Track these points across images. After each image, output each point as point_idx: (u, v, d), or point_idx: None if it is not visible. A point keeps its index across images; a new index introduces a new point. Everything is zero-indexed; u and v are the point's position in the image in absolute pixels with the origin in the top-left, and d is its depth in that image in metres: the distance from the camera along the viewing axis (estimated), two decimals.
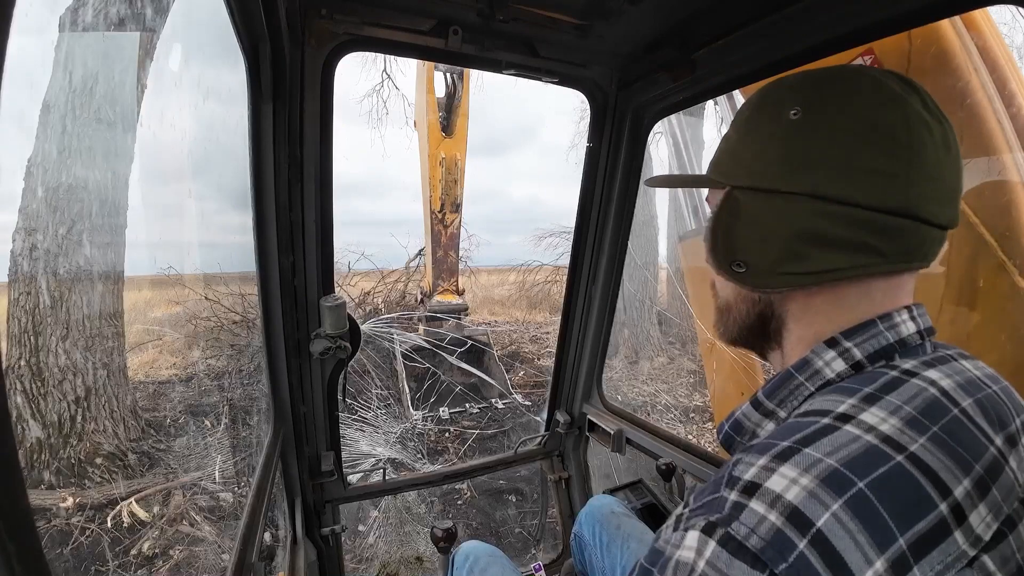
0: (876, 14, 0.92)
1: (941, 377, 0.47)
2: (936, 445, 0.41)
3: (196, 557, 3.41)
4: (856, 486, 0.38)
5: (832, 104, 0.52)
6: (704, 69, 1.26)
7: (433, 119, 6.59)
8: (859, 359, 0.51)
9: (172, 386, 5.46)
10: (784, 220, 0.53)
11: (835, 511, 0.38)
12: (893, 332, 0.52)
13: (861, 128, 0.50)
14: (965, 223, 1.14)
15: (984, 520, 0.40)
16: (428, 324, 6.71)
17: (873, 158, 0.49)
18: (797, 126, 0.52)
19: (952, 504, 0.39)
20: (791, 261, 0.53)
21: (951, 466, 0.41)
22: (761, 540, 0.38)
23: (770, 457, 0.42)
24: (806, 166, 0.51)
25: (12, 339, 3.90)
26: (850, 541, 0.37)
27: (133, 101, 4.04)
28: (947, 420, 0.43)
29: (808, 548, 0.37)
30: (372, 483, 1.75)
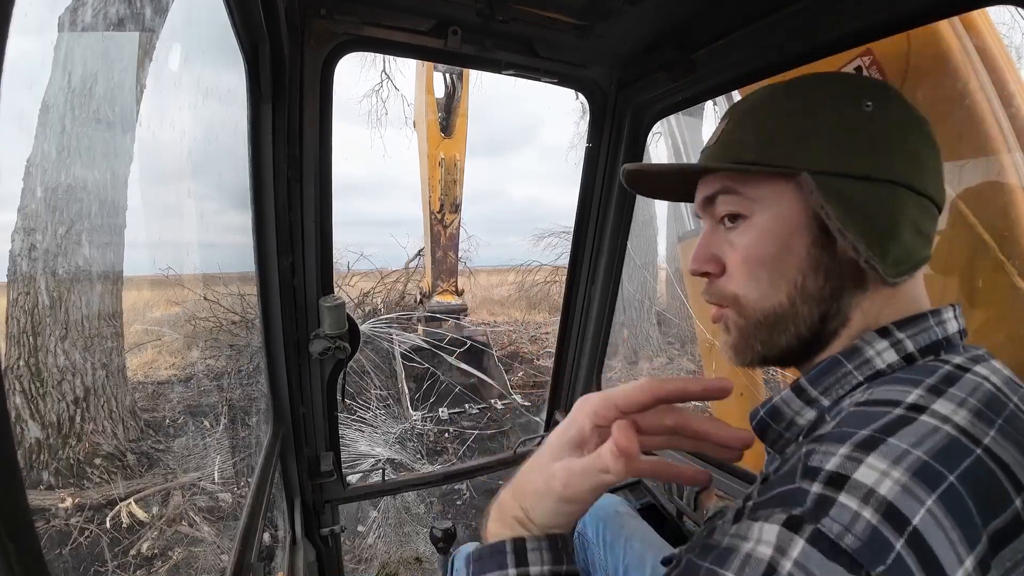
0: (875, 15, 0.93)
1: (990, 374, 0.47)
2: (1004, 437, 0.41)
3: (195, 557, 3.40)
4: (948, 480, 0.37)
5: (896, 102, 0.54)
6: (704, 69, 1.26)
7: (432, 119, 6.60)
8: (911, 351, 0.50)
9: (171, 386, 5.45)
10: (896, 209, 0.51)
11: (930, 507, 0.36)
12: (941, 328, 0.51)
13: (923, 130, 0.53)
14: (964, 223, 1.14)
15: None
16: (427, 324, 6.71)
17: (934, 157, 0.53)
18: (874, 118, 0.52)
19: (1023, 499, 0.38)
20: (904, 251, 0.52)
21: (1020, 459, 0.40)
22: (857, 540, 0.36)
23: (853, 446, 0.40)
24: (893, 157, 0.51)
25: (11, 339, 3.90)
26: (944, 539, 0.35)
27: (132, 101, 4.04)
28: (1007, 413, 0.43)
29: (905, 548, 0.35)
30: (371, 483, 1.74)
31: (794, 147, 0.53)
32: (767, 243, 0.54)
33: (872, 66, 1.24)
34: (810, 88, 0.56)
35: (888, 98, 0.53)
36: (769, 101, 0.57)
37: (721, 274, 0.58)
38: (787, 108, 0.55)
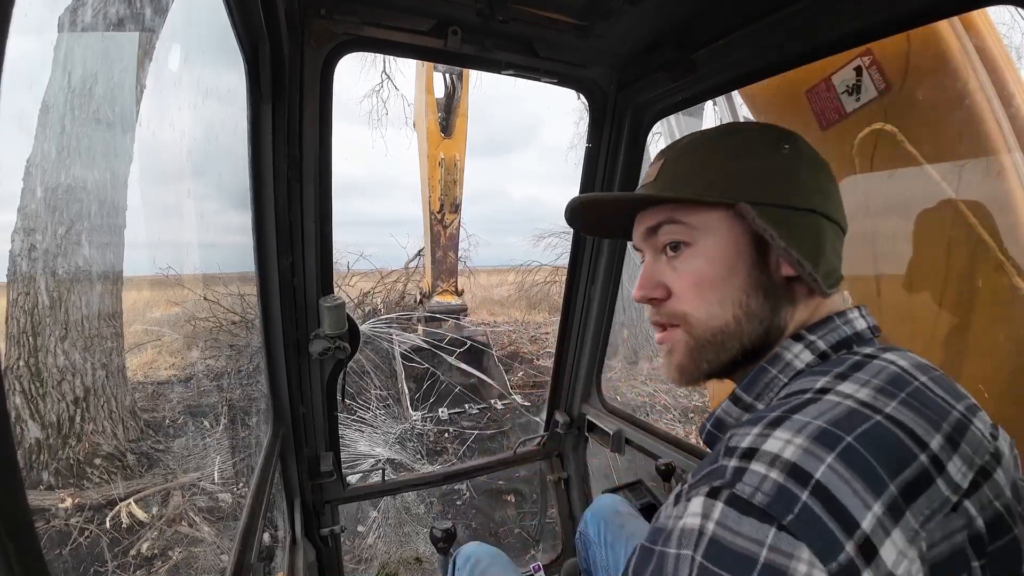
0: (875, 15, 0.92)
1: (898, 359, 0.52)
2: (906, 407, 0.46)
3: (195, 558, 3.40)
4: (845, 440, 0.42)
5: (804, 147, 0.63)
6: (704, 69, 1.26)
7: (432, 119, 6.59)
8: (824, 349, 0.57)
9: (171, 387, 5.45)
10: (818, 233, 0.60)
11: (830, 463, 0.41)
12: (849, 326, 0.59)
13: (824, 167, 0.63)
14: (964, 223, 1.14)
15: (960, 470, 0.44)
16: (427, 324, 6.71)
17: (835, 191, 0.63)
18: (791, 158, 0.61)
19: (930, 455, 0.43)
20: (829, 268, 0.61)
21: (923, 424, 0.45)
22: (766, 496, 0.41)
23: (763, 425, 0.46)
24: (808, 189, 0.61)
25: (11, 339, 3.90)
26: (848, 488, 0.40)
27: (132, 101, 4.04)
28: (911, 389, 0.48)
29: (810, 498, 0.40)
30: (371, 484, 1.74)
31: (729, 183, 0.60)
32: (714, 266, 0.61)
33: (872, 66, 1.24)
34: (736, 135, 0.65)
35: (799, 143, 0.63)
36: (701, 146, 0.65)
37: (666, 299, 0.64)
38: (719, 151, 0.63)
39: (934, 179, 1.19)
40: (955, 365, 1.21)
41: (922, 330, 1.29)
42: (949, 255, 1.18)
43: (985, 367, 1.17)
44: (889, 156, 1.26)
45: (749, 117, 2.11)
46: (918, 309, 1.29)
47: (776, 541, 0.40)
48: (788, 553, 0.39)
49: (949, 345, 1.22)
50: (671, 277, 0.63)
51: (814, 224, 0.60)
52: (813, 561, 0.38)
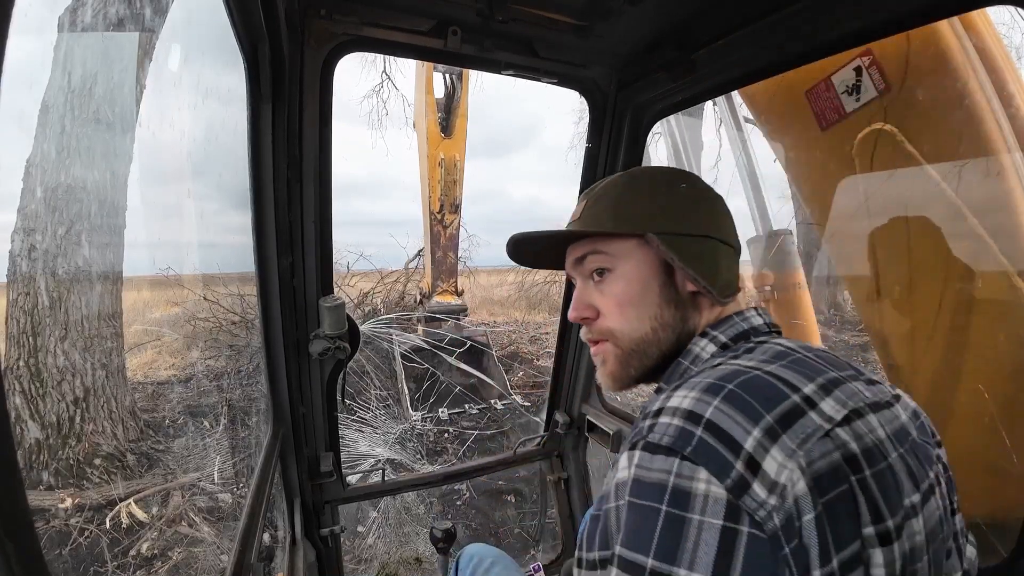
0: (874, 15, 0.92)
1: (783, 341, 0.66)
2: (784, 367, 0.58)
3: (195, 558, 3.40)
4: (727, 387, 0.54)
5: (699, 184, 0.77)
6: (704, 69, 1.26)
7: (432, 120, 6.59)
8: (725, 341, 0.69)
9: (171, 387, 5.45)
10: (715, 251, 0.73)
11: (716, 404, 0.52)
12: (746, 323, 0.71)
13: (715, 200, 0.76)
14: (964, 223, 1.14)
15: (833, 407, 0.53)
16: (427, 325, 6.71)
17: (726, 217, 0.76)
18: (689, 194, 0.74)
19: (803, 396, 0.53)
20: (722, 281, 0.72)
21: (798, 375, 0.56)
22: (670, 437, 0.52)
23: (669, 393, 0.58)
24: (703, 219, 0.73)
25: (11, 340, 3.90)
26: (731, 421, 0.50)
27: (132, 101, 4.04)
28: (792, 358, 0.60)
29: (704, 432, 0.50)
30: (371, 484, 1.74)
31: (639, 218, 0.73)
32: (632, 287, 0.73)
33: (872, 66, 1.24)
34: (642, 179, 0.77)
35: (695, 182, 0.77)
36: (615, 188, 0.77)
37: (596, 318, 0.76)
38: (629, 192, 0.75)
39: (934, 179, 1.19)
40: (955, 365, 1.21)
41: (922, 330, 1.29)
42: (949, 255, 1.19)
43: (985, 367, 1.17)
44: (889, 156, 1.26)
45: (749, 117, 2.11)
46: (918, 309, 1.29)
47: (680, 468, 0.50)
48: (690, 476, 0.49)
49: (949, 345, 1.22)
50: (598, 299, 0.75)
51: (709, 248, 0.72)
52: (710, 479, 0.48)
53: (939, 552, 0.55)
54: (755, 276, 2.45)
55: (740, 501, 0.47)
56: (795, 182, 1.70)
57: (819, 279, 8.63)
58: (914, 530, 0.52)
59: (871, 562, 0.49)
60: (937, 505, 0.56)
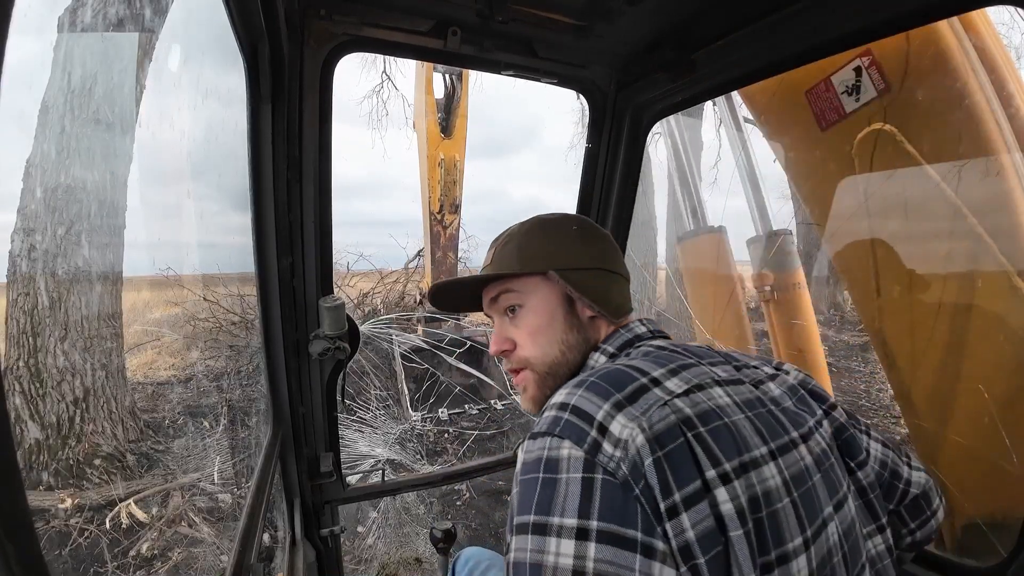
0: (874, 15, 0.92)
1: (657, 343, 0.80)
2: (643, 359, 0.71)
3: (195, 558, 3.40)
4: (589, 380, 0.66)
5: (588, 225, 0.92)
6: (703, 69, 1.26)
7: (432, 120, 6.58)
8: (612, 351, 0.82)
9: (171, 387, 5.45)
10: (606, 280, 0.87)
11: (580, 393, 0.64)
12: (630, 332, 0.84)
13: (603, 236, 0.92)
14: (963, 223, 1.14)
15: (675, 384, 0.65)
16: (427, 325, 6.70)
17: (613, 251, 0.91)
18: (580, 234, 0.88)
19: (650, 379, 0.65)
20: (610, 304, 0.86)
21: (651, 364, 0.68)
22: (546, 423, 0.63)
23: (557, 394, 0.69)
24: (595, 254, 0.87)
25: (11, 340, 3.90)
26: (588, 402, 0.62)
27: (132, 102, 4.04)
28: (655, 354, 0.74)
29: (569, 415, 0.62)
30: (371, 484, 1.74)
31: (542, 258, 0.85)
32: (540, 318, 0.85)
33: (871, 66, 1.24)
34: (541, 223, 0.90)
35: (583, 222, 0.91)
36: (518, 235, 0.89)
37: (514, 349, 0.87)
38: (531, 237, 0.88)
39: (933, 179, 1.19)
40: (954, 364, 1.21)
41: (922, 330, 1.29)
42: (948, 255, 1.19)
43: (985, 367, 1.17)
44: (888, 156, 1.26)
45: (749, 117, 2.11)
46: (917, 309, 1.29)
47: (551, 444, 0.61)
48: (557, 447, 0.60)
49: (949, 345, 1.22)
50: (514, 332, 0.87)
51: (601, 277, 0.86)
52: (572, 447, 0.59)
53: (809, 494, 0.64)
54: (755, 276, 2.45)
55: (595, 458, 0.58)
56: (795, 182, 1.70)
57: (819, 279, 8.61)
58: (764, 476, 0.61)
59: (717, 499, 0.57)
60: (802, 456, 0.66)
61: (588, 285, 0.84)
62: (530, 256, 0.86)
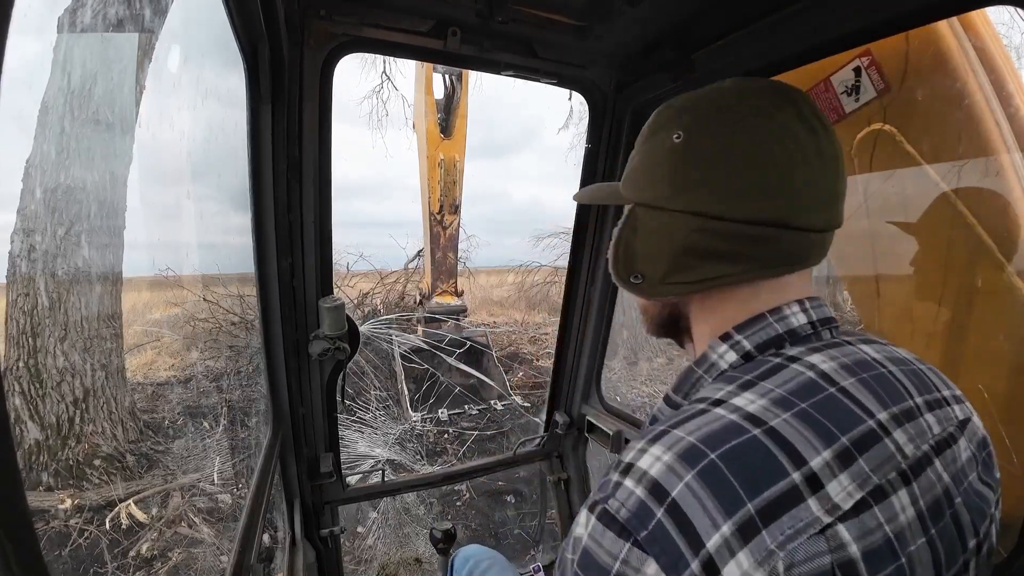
0: (874, 15, 0.92)
1: (824, 360, 0.51)
2: (799, 419, 0.45)
3: (195, 559, 3.40)
4: (708, 457, 0.42)
5: (707, 129, 0.56)
6: (703, 69, 1.26)
7: (432, 120, 6.59)
8: (748, 349, 0.55)
9: (170, 387, 5.45)
10: (670, 235, 0.58)
11: (687, 481, 0.42)
12: (782, 323, 0.56)
13: (732, 151, 0.54)
14: (963, 224, 1.14)
15: (845, 489, 0.42)
16: (427, 325, 6.71)
17: (743, 176, 0.54)
18: (679, 149, 0.57)
19: (807, 473, 0.42)
20: (677, 272, 0.58)
21: (811, 438, 0.44)
22: (628, 511, 0.43)
23: (646, 440, 0.47)
24: (687, 186, 0.56)
25: (10, 340, 3.90)
26: (699, 507, 0.40)
27: (131, 102, 4.04)
28: (819, 398, 0.47)
29: (664, 515, 0.41)
30: (371, 484, 1.74)
31: (631, 180, 0.63)
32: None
33: (871, 66, 1.24)
34: (656, 116, 0.62)
35: (701, 125, 0.57)
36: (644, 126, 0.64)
37: None
38: (640, 138, 0.63)
39: (933, 179, 1.19)
40: (954, 365, 1.21)
41: (921, 330, 1.29)
42: (948, 255, 1.19)
43: (985, 367, 1.17)
44: (888, 156, 1.26)
45: None
46: (917, 309, 1.29)
47: (628, 555, 0.42)
48: (636, 568, 0.41)
49: (948, 345, 1.22)
50: None
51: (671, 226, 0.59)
52: (659, 573, 0.40)
53: None
54: None
55: None
56: None
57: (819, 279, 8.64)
58: None
59: None
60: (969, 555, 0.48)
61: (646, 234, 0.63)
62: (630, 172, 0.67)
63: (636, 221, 0.61)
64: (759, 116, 0.54)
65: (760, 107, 0.55)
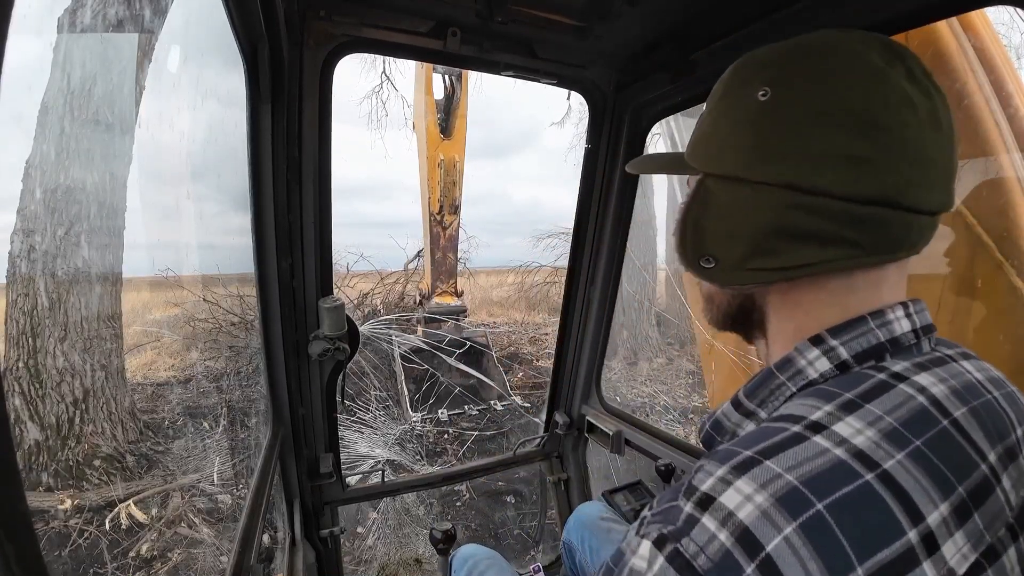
0: (873, 16, 0.93)
1: (934, 383, 0.43)
2: (915, 462, 0.38)
3: (195, 559, 3.40)
4: (814, 507, 0.36)
5: (802, 83, 0.47)
6: (703, 70, 1.26)
7: (432, 121, 6.59)
8: (845, 359, 0.47)
9: (170, 388, 5.45)
10: (752, 212, 0.49)
11: (787, 535, 0.35)
12: (885, 330, 0.47)
13: (834, 110, 0.45)
14: (963, 224, 1.14)
15: (960, 551, 0.37)
16: (427, 325, 6.71)
17: (847, 143, 0.44)
18: (766, 108, 0.48)
19: (924, 532, 0.36)
20: (760, 256, 0.49)
21: (928, 487, 0.37)
22: (709, 561, 0.37)
23: (729, 468, 0.40)
24: (775, 154, 0.47)
25: (10, 341, 3.90)
26: (800, 569, 0.34)
27: (131, 103, 4.04)
28: (933, 433, 0.40)
29: (756, 571, 0.35)
30: (371, 485, 1.74)
31: (702, 147, 0.54)
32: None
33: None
34: (734, 70, 0.53)
35: (794, 79, 0.47)
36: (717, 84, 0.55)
37: None
38: (713, 98, 0.54)
39: None
40: None
41: None
42: (948, 255, 1.19)
43: None
44: None
45: None
46: None
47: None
48: None
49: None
50: None
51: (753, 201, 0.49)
52: None
53: None
54: None
55: None
56: None
57: None
58: None
59: None
60: None
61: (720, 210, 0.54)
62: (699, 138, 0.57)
63: (708, 195, 0.52)
64: (865, 72, 0.45)
65: (867, 62, 0.45)
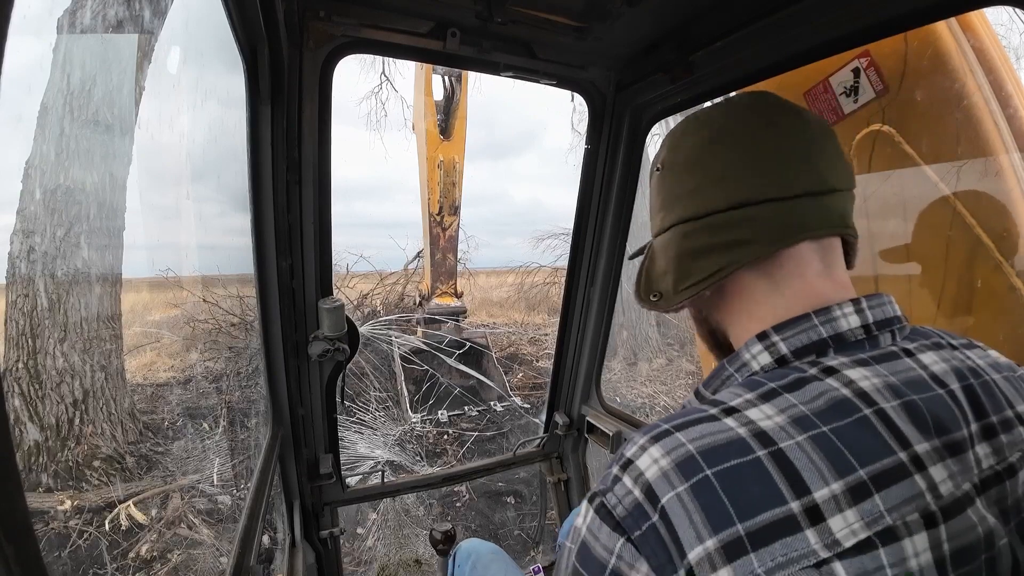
0: (872, 16, 0.93)
1: (866, 376, 0.47)
2: (814, 444, 0.43)
3: (194, 560, 3.40)
4: (703, 472, 0.42)
5: (675, 149, 0.63)
6: (702, 71, 1.26)
7: (431, 122, 6.60)
8: (784, 353, 0.52)
9: (170, 389, 5.45)
10: (670, 249, 0.62)
11: (679, 492, 0.42)
12: (829, 327, 0.51)
13: (686, 160, 0.60)
14: (962, 224, 1.14)
15: (850, 526, 0.40)
16: (426, 326, 6.71)
17: (697, 177, 0.59)
18: (660, 179, 0.64)
19: (808, 504, 0.40)
20: (683, 279, 0.60)
21: (822, 467, 0.41)
22: (625, 510, 0.44)
23: (648, 437, 0.47)
24: (670, 205, 0.62)
25: (10, 341, 3.90)
26: (686, 519, 0.41)
27: (131, 103, 4.04)
28: (848, 422, 0.44)
29: (659, 520, 0.42)
30: (371, 486, 1.74)
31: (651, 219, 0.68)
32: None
33: (870, 67, 1.24)
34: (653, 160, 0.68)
35: (672, 148, 0.63)
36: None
37: None
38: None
39: (932, 180, 1.20)
40: None
41: None
42: (947, 255, 1.19)
43: None
44: (887, 157, 1.27)
45: None
46: (916, 309, 1.29)
47: (623, 551, 0.44)
48: (630, 564, 0.43)
49: None
50: None
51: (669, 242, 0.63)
52: (651, 574, 0.42)
53: None
54: None
55: None
56: None
57: None
58: None
59: None
60: None
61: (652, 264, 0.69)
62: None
63: (652, 251, 0.67)
64: (702, 126, 0.61)
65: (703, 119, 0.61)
